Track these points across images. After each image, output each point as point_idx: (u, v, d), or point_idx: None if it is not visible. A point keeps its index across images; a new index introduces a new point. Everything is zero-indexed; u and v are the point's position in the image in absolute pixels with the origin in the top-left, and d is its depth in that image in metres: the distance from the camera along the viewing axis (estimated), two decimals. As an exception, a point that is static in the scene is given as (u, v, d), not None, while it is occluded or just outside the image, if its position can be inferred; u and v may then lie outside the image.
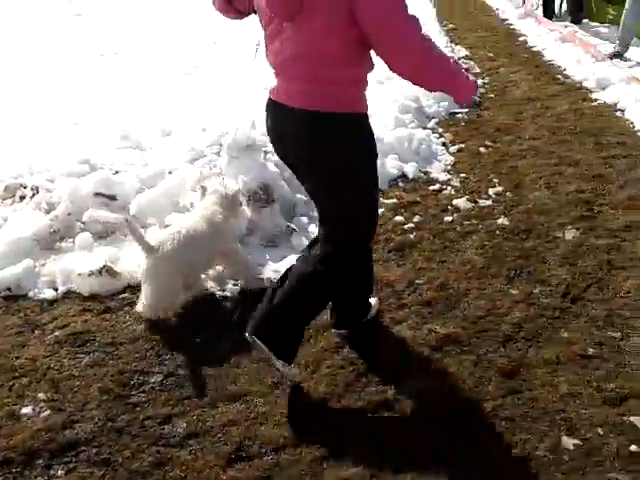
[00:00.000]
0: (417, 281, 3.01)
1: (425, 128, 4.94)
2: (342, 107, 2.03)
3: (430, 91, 2.41)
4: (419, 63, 1.93)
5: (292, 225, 3.38)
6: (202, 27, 8.26)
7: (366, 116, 2.14)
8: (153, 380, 2.41)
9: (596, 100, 5.61)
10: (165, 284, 2.62)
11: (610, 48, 6.83)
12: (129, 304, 2.83)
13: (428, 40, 1.93)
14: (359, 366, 2.45)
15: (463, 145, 4.74)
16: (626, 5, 6.56)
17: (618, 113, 5.27)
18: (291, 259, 3.17)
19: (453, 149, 4.67)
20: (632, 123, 4.99)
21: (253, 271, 2.98)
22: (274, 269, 3.09)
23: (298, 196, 3.56)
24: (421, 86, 2.10)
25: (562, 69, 6.70)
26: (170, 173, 3.76)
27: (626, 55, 6.67)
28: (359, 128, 2.12)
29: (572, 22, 8.37)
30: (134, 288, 2.93)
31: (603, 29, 7.97)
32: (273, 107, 2.16)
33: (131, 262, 3.05)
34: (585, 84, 6.02)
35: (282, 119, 2.12)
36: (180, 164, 3.86)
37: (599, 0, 7.76)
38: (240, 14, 2.27)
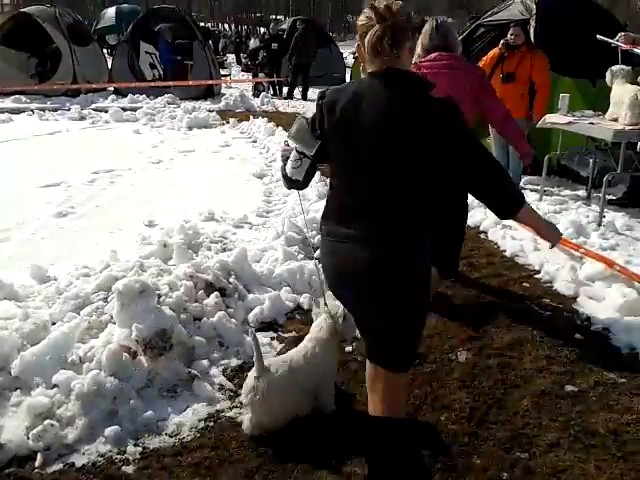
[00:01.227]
0: (328, 419, 2.97)
1: (312, 258, 5.09)
2: None
3: (512, 139, 4.23)
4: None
5: (193, 370, 3.26)
6: (76, 166, 8.15)
7: None
8: None
9: (461, 224, 6.11)
10: (277, 404, 2.76)
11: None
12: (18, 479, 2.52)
13: None
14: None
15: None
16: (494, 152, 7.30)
17: (482, 235, 5.79)
18: (195, 408, 3.03)
19: (341, 278, 4.81)
20: (496, 244, 5.50)
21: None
22: (177, 422, 2.93)
23: (197, 338, 3.46)
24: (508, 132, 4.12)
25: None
26: (54, 325, 3.53)
27: None
28: None
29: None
30: (22, 460, 2.62)
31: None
32: None
33: (17, 431, 2.74)
34: (449, 209, 6.55)
35: None
36: (64, 314, 3.64)
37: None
38: None
